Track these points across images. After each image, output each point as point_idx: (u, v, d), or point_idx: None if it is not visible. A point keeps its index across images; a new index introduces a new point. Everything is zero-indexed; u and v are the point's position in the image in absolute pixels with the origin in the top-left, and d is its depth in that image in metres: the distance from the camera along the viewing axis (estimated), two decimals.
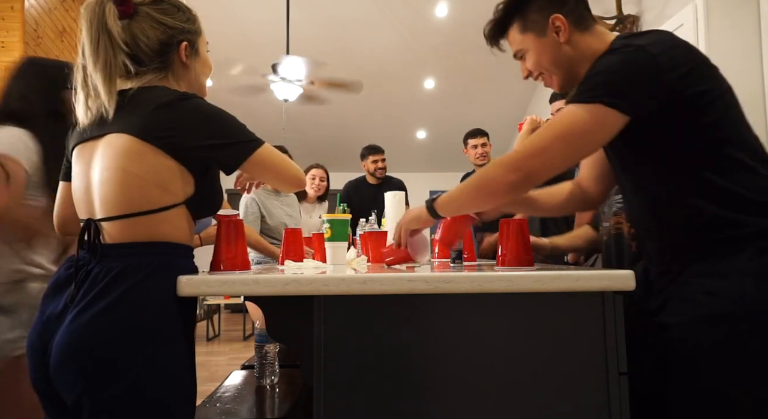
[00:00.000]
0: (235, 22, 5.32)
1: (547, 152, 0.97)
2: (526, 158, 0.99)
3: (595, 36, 1.07)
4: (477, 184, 1.06)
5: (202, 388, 2.46)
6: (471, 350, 0.92)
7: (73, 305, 0.88)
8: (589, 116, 0.94)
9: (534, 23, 1.09)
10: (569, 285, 0.92)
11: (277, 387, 1.49)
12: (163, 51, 1.03)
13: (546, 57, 1.09)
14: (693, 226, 0.96)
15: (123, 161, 0.93)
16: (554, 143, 0.96)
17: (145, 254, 0.92)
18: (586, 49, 1.06)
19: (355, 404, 0.91)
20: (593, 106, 0.93)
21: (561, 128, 0.96)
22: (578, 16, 1.07)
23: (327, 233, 1.38)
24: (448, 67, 6.06)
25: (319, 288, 0.91)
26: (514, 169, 0.99)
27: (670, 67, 0.91)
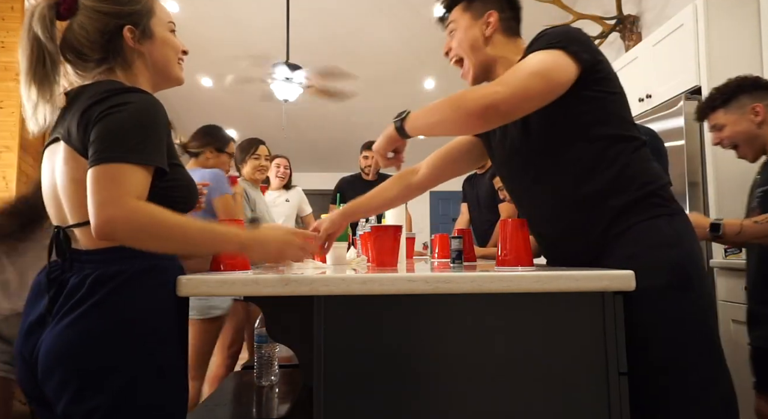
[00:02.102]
0: (235, 22, 5.32)
1: (526, 87, 1.00)
2: (508, 80, 1.02)
3: (514, 45, 1.21)
4: (453, 101, 1.05)
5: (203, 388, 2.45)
6: (471, 350, 0.92)
7: (53, 315, 0.86)
8: (555, 57, 1.02)
9: (475, 8, 1.22)
10: (569, 285, 0.92)
11: (277, 387, 1.49)
12: (105, 41, 0.96)
13: (467, 41, 1.22)
14: None
15: (70, 171, 0.88)
16: (531, 78, 1.01)
17: (120, 258, 0.87)
18: (503, 51, 1.20)
19: (355, 404, 0.91)
20: (556, 51, 1.02)
21: (534, 66, 1.02)
22: (509, 23, 1.22)
23: None
24: (448, 67, 6.03)
25: (319, 288, 0.91)
26: (497, 84, 1.02)
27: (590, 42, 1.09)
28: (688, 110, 2.46)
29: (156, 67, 1.03)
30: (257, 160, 2.72)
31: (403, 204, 1.64)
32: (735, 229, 1.51)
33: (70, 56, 0.97)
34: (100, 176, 0.81)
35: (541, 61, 1.01)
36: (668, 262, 1.00)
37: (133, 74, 1.00)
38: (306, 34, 5.30)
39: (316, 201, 6.07)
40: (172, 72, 1.06)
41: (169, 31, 1.05)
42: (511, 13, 1.23)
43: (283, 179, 3.37)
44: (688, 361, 0.97)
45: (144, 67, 1.01)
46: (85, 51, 0.96)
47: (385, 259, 1.26)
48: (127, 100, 0.88)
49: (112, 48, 0.97)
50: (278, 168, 3.36)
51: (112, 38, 0.97)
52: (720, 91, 1.74)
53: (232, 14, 5.22)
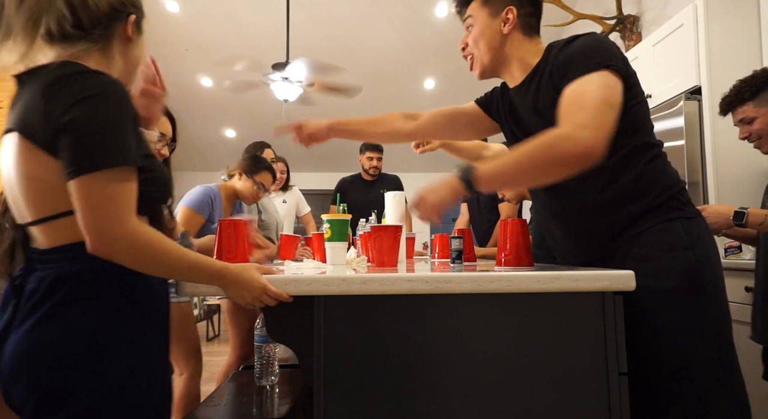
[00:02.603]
0: (235, 22, 5.32)
1: (607, 122, 0.96)
2: (586, 119, 0.95)
3: (533, 44, 1.17)
4: (539, 153, 0.96)
5: (203, 388, 2.45)
6: (471, 350, 0.92)
7: (15, 321, 0.81)
8: (607, 81, 0.99)
9: (494, 4, 1.18)
10: (569, 285, 0.92)
11: (277, 387, 1.49)
12: (111, 17, 0.90)
13: (484, 38, 1.19)
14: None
15: (24, 165, 0.81)
16: (606, 111, 0.96)
17: (81, 256, 0.80)
18: (520, 51, 1.17)
19: (355, 404, 0.91)
20: (604, 73, 0.99)
21: (600, 97, 0.97)
22: (528, 21, 1.18)
23: (327, 233, 1.38)
24: (448, 67, 6.06)
25: (319, 288, 0.91)
26: (580, 127, 0.94)
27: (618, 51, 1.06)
28: (688, 109, 2.46)
29: (128, 64, 0.97)
30: None
31: (404, 204, 1.64)
32: (759, 219, 1.49)
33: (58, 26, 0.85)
34: (93, 190, 0.77)
35: (602, 89, 0.98)
36: (681, 265, 1.00)
37: (107, 63, 0.92)
38: (306, 34, 5.30)
39: (316, 201, 6.07)
40: (138, 76, 1.01)
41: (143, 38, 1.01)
42: (530, 10, 1.18)
43: (279, 183, 3.36)
44: (699, 366, 0.97)
45: (120, 59, 0.94)
46: (84, 18, 0.87)
47: (385, 259, 1.26)
48: (96, 88, 0.80)
49: (109, 29, 0.91)
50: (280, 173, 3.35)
51: (116, 20, 0.91)
52: (748, 84, 1.68)
53: (232, 14, 5.22)
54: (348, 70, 4.64)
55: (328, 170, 8.02)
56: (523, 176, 1.00)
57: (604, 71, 0.99)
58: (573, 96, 0.99)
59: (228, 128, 7.15)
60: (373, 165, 3.52)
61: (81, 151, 0.78)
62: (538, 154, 0.96)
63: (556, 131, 0.96)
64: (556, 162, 0.95)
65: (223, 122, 7.02)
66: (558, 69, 1.06)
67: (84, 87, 0.79)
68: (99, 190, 0.77)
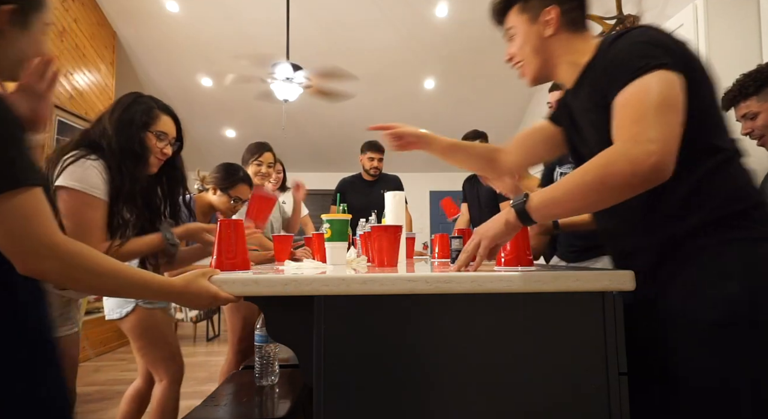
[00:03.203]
0: (235, 22, 5.32)
1: (673, 130, 0.84)
2: (650, 131, 0.83)
3: (583, 40, 1.09)
4: (598, 177, 0.85)
5: (203, 388, 2.45)
6: (471, 350, 0.92)
7: None
8: (667, 82, 0.87)
9: (532, 8, 1.10)
10: (569, 285, 0.92)
11: (277, 387, 1.49)
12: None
13: (529, 45, 1.11)
14: None
15: None
16: (670, 117, 0.85)
17: None
18: (569, 49, 1.08)
19: (355, 404, 0.91)
20: (662, 72, 0.87)
21: (661, 102, 0.85)
22: (573, 17, 1.09)
23: (327, 234, 1.38)
24: (448, 67, 6.06)
25: (319, 288, 0.91)
26: (646, 142, 0.82)
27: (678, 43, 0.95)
28: None
29: (11, 58, 0.91)
30: (259, 166, 2.72)
31: (403, 204, 1.64)
32: None
33: None
34: (10, 212, 0.73)
35: (658, 92, 0.86)
36: (723, 297, 0.88)
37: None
38: (306, 33, 5.30)
39: (316, 201, 6.07)
40: (17, 71, 0.95)
41: (41, 32, 0.95)
42: (575, 3, 1.09)
43: (276, 184, 3.34)
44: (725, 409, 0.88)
45: (3, 50, 0.89)
46: None
47: (385, 259, 1.26)
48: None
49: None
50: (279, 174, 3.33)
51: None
52: (753, 78, 1.62)
53: (232, 14, 5.22)
54: (348, 70, 4.64)
55: (328, 170, 8.02)
56: (580, 203, 0.89)
57: (657, 72, 0.87)
58: (626, 105, 0.88)
59: (228, 128, 7.15)
60: (374, 165, 3.51)
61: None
62: (593, 177, 0.86)
63: (611, 150, 0.85)
64: (614, 185, 0.84)
65: (223, 122, 7.02)
66: (605, 72, 0.96)
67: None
68: (22, 213, 0.74)
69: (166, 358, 1.84)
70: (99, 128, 1.40)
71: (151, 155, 1.42)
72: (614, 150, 0.85)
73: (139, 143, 1.39)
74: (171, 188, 1.54)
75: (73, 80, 4.44)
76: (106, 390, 3.31)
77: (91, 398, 3.15)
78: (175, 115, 1.52)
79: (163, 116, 1.46)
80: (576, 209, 0.92)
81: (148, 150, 1.40)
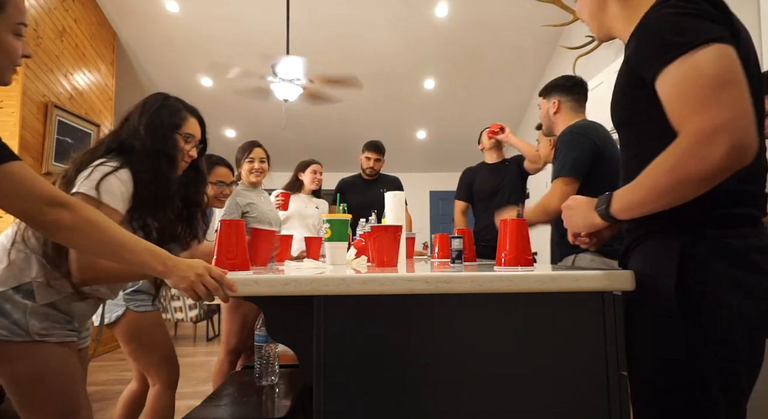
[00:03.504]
0: (235, 22, 5.32)
1: (730, 100, 0.78)
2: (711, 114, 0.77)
3: (629, 8, 1.03)
4: (667, 180, 0.83)
5: (203, 388, 2.45)
6: (471, 350, 0.92)
7: None
8: (714, 55, 0.80)
9: None
10: (569, 285, 0.92)
11: (277, 387, 1.49)
12: None
13: (585, 8, 1.13)
14: None
15: None
16: (724, 92, 0.78)
17: None
18: (615, 18, 1.06)
19: (355, 404, 0.91)
20: (717, 46, 0.81)
21: (709, 77, 0.79)
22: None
23: (327, 234, 1.38)
24: (448, 67, 6.06)
25: (319, 288, 0.91)
26: (709, 133, 0.77)
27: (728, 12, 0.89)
28: None
29: None
30: (251, 163, 2.71)
31: (403, 204, 1.64)
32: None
33: None
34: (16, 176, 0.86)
35: (718, 69, 0.79)
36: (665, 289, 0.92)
37: None
38: (306, 34, 5.30)
39: None
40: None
41: (13, 34, 0.94)
42: None
43: (317, 184, 3.38)
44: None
45: None
46: None
47: (385, 259, 1.26)
48: None
49: None
50: (314, 174, 3.36)
51: None
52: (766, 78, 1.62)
53: (232, 14, 5.22)
54: (348, 70, 4.64)
55: (328, 170, 8.03)
56: (662, 202, 0.87)
57: (707, 47, 0.80)
58: (679, 90, 0.82)
59: (228, 128, 7.15)
60: (370, 165, 3.52)
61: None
62: (667, 180, 0.83)
63: (679, 148, 0.81)
64: (693, 183, 0.81)
65: (223, 122, 7.02)
66: (642, 43, 0.90)
67: None
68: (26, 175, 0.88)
69: (158, 362, 1.82)
70: (128, 128, 1.38)
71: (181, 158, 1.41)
72: (682, 148, 0.81)
73: (171, 144, 1.38)
74: (193, 190, 1.52)
75: (73, 80, 4.44)
76: (106, 390, 3.31)
77: (91, 398, 3.14)
78: (201, 116, 1.52)
79: (191, 117, 1.45)
80: (660, 207, 0.88)
81: (180, 152, 1.39)
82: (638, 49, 0.91)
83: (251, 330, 2.48)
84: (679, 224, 0.91)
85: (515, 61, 6.01)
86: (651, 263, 0.94)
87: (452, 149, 7.80)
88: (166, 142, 1.36)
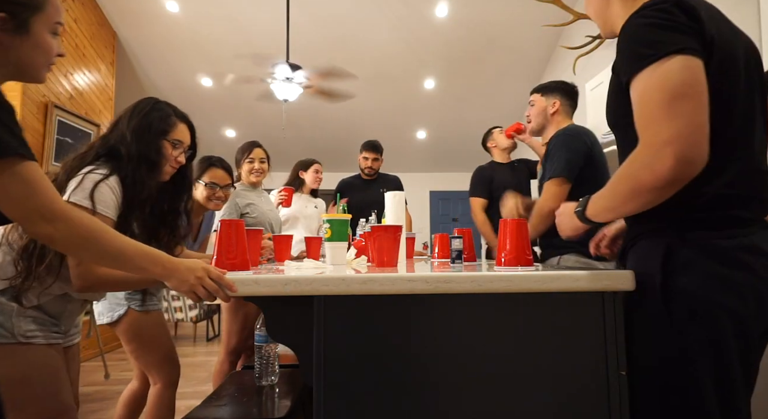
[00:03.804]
0: (235, 22, 5.32)
1: (679, 115, 0.81)
2: (661, 127, 0.81)
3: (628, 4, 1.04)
4: (626, 188, 0.88)
5: (203, 388, 2.45)
6: (470, 350, 0.92)
7: None
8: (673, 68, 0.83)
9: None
10: (569, 285, 0.92)
11: (277, 387, 1.49)
12: None
13: (591, 7, 1.13)
14: None
15: None
16: (673, 106, 0.81)
17: None
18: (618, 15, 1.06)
19: (355, 404, 0.91)
20: (668, 60, 0.83)
21: (663, 90, 0.82)
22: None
23: (327, 234, 1.38)
24: (448, 67, 6.06)
25: (319, 288, 0.91)
26: (659, 146, 0.81)
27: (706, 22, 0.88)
28: None
29: (17, 64, 0.92)
30: (251, 163, 2.71)
31: (403, 204, 1.64)
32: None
33: None
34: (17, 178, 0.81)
35: (672, 83, 0.82)
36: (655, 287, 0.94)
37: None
38: (306, 34, 5.30)
39: None
40: (34, 74, 0.97)
41: (50, 32, 0.96)
42: None
43: (318, 184, 3.39)
44: None
45: (5, 58, 0.90)
46: None
47: (385, 259, 1.26)
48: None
49: None
50: (317, 174, 3.37)
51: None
52: None
53: (232, 14, 5.22)
54: (348, 70, 4.65)
55: (328, 170, 8.04)
56: (628, 207, 0.91)
57: (667, 60, 0.83)
58: (638, 102, 0.87)
59: (228, 128, 7.15)
60: (368, 165, 3.52)
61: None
62: (626, 188, 0.88)
63: (634, 159, 0.86)
64: (646, 192, 0.85)
65: (223, 122, 7.02)
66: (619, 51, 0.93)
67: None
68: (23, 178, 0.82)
69: (159, 361, 1.82)
70: (117, 133, 1.38)
71: (166, 163, 1.41)
72: (636, 159, 0.86)
73: (155, 150, 1.38)
74: (177, 195, 1.52)
75: (73, 80, 4.44)
76: (106, 390, 3.31)
77: (92, 398, 3.15)
78: (191, 122, 1.52)
79: (180, 123, 1.45)
80: (627, 212, 0.93)
81: (163, 158, 1.39)
82: (617, 55, 0.94)
83: (251, 330, 2.48)
84: (667, 225, 0.93)
85: (515, 61, 6.01)
86: (641, 263, 0.96)
87: (452, 149, 7.80)
88: (150, 147, 1.36)
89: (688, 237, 0.91)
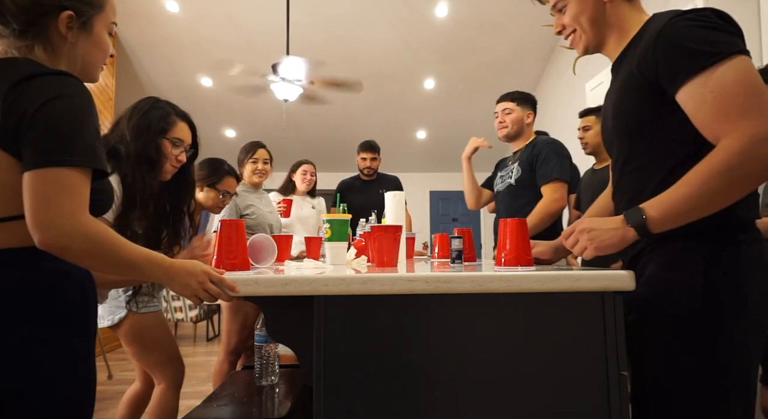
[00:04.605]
0: (235, 22, 5.32)
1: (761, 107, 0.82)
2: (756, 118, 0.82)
3: (635, 9, 1.05)
4: (723, 184, 0.84)
5: (203, 388, 2.45)
6: (470, 350, 0.92)
7: None
8: (741, 66, 0.85)
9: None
10: (569, 285, 0.92)
11: (277, 387, 1.49)
12: (33, 12, 0.86)
13: (586, 14, 1.06)
14: None
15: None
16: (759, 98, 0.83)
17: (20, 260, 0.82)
18: (623, 17, 1.04)
19: (355, 404, 0.91)
20: (736, 58, 0.85)
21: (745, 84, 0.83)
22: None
23: (327, 234, 1.38)
24: (448, 67, 6.06)
25: (319, 288, 0.91)
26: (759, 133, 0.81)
27: None
28: None
29: (80, 62, 0.94)
30: (254, 163, 2.72)
31: (403, 204, 1.64)
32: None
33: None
34: (49, 184, 0.77)
35: (752, 78, 0.84)
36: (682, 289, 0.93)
37: (55, 59, 0.90)
38: (306, 34, 5.30)
39: None
40: (93, 73, 0.99)
41: (107, 32, 0.98)
42: None
43: (309, 185, 3.38)
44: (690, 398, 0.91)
45: (68, 57, 0.92)
46: (3, 9, 0.85)
47: (385, 259, 1.26)
48: (64, 90, 0.81)
49: (38, 25, 0.87)
50: (305, 175, 3.36)
51: (45, 15, 0.87)
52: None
53: (232, 14, 5.22)
54: (348, 70, 4.65)
55: (327, 170, 8.04)
56: (706, 209, 0.87)
57: (736, 58, 0.84)
58: (713, 95, 0.85)
59: (228, 128, 7.15)
60: (366, 165, 3.52)
61: (46, 147, 0.78)
62: (720, 183, 0.84)
63: (730, 151, 0.83)
64: (748, 184, 0.85)
65: (223, 122, 7.02)
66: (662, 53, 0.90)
67: (54, 89, 0.80)
68: (57, 185, 0.77)
69: (162, 362, 1.82)
70: (117, 133, 1.38)
71: (166, 162, 1.40)
72: (734, 151, 0.83)
73: (155, 149, 1.37)
74: (179, 195, 1.52)
75: None
76: (106, 390, 3.31)
77: None
78: (191, 121, 1.52)
79: (180, 122, 1.45)
80: (706, 213, 0.88)
81: (164, 157, 1.39)
82: (657, 58, 0.91)
83: (251, 329, 2.48)
84: (703, 228, 0.90)
85: (515, 61, 6.01)
86: (675, 266, 0.94)
87: (452, 149, 7.80)
88: (150, 146, 1.36)
89: (730, 240, 0.91)
